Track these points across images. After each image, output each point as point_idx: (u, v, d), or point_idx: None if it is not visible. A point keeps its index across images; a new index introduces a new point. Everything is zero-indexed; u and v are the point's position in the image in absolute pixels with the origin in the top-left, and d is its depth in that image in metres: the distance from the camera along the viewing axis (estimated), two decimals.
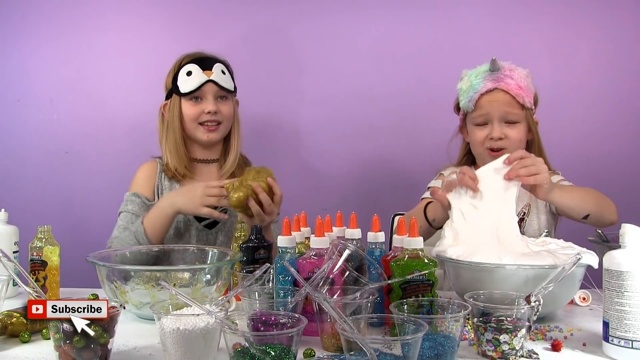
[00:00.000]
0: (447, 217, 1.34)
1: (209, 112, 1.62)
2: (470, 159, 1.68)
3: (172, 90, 1.65)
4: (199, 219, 1.63)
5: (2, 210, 1.39)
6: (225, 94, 1.66)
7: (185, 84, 1.61)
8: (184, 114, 1.64)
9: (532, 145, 1.61)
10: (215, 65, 1.64)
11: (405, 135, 2.17)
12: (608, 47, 2.14)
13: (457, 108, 1.66)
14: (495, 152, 1.54)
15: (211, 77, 1.61)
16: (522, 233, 1.46)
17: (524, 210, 1.60)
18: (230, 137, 1.72)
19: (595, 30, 2.15)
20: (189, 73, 1.62)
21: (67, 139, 2.22)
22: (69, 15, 2.22)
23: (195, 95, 1.62)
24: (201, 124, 1.64)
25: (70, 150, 2.22)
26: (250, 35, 2.20)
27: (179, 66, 1.64)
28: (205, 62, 1.64)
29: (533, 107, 1.59)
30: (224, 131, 1.69)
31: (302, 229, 1.20)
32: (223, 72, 1.65)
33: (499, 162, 1.31)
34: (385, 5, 2.20)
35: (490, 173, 1.30)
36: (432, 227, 1.47)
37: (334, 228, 1.18)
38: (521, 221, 1.60)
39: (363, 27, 2.20)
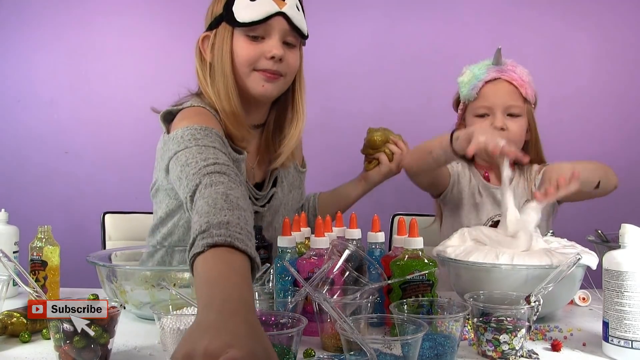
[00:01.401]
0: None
1: (272, 58, 1.19)
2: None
3: (223, 17, 1.20)
4: None
5: (2, 210, 1.39)
6: (295, 38, 1.23)
7: (246, 10, 1.17)
8: (235, 53, 1.20)
9: (530, 145, 1.57)
10: None
11: (405, 135, 2.17)
12: (608, 47, 2.14)
13: (456, 103, 1.63)
14: None
15: (283, 9, 1.18)
16: None
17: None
18: (295, 100, 1.29)
19: (595, 30, 2.15)
20: None
21: (67, 139, 2.22)
22: (70, 15, 2.22)
23: (256, 31, 1.19)
24: (257, 70, 1.22)
25: (70, 150, 2.23)
26: None
27: None
28: None
29: (533, 104, 1.56)
30: (283, 88, 1.27)
31: (302, 229, 1.20)
32: (297, 8, 1.22)
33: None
34: (384, 4, 2.21)
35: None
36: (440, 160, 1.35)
37: (334, 228, 1.18)
38: None
39: (363, 26, 2.21)
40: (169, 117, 1.23)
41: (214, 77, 1.22)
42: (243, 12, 1.17)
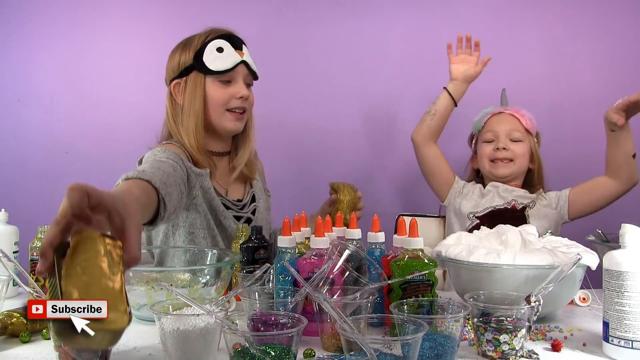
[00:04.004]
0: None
1: (240, 97, 1.44)
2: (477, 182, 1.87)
3: (194, 67, 1.43)
4: (237, 217, 1.53)
5: (2, 210, 1.39)
6: (251, 80, 1.50)
7: (217, 61, 1.41)
8: (209, 97, 1.43)
9: (534, 173, 1.78)
10: (244, 46, 1.47)
11: (406, 135, 2.18)
12: (608, 47, 2.14)
13: (470, 139, 1.89)
14: (502, 162, 1.73)
15: (244, 58, 1.44)
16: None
17: (528, 203, 1.73)
18: (247, 129, 1.54)
19: (595, 30, 2.15)
20: (219, 49, 1.42)
21: (67, 139, 2.22)
22: (70, 15, 2.22)
23: (225, 76, 1.43)
24: (228, 110, 1.45)
25: (70, 150, 2.22)
26: (250, 35, 2.20)
27: (206, 40, 1.43)
28: (236, 40, 1.46)
29: (536, 138, 1.77)
30: (245, 121, 1.51)
31: (302, 229, 1.20)
32: (250, 56, 1.49)
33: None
34: (383, 5, 2.21)
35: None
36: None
37: (334, 228, 1.18)
38: (523, 210, 1.73)
39: (360, 28, 2.21)
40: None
41: (185, 117, 1.44)
42: (214, 62, 1.41)
